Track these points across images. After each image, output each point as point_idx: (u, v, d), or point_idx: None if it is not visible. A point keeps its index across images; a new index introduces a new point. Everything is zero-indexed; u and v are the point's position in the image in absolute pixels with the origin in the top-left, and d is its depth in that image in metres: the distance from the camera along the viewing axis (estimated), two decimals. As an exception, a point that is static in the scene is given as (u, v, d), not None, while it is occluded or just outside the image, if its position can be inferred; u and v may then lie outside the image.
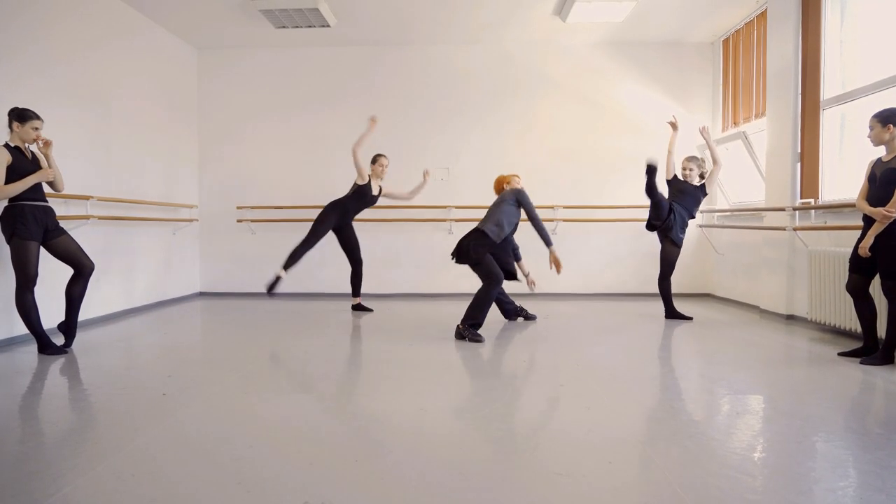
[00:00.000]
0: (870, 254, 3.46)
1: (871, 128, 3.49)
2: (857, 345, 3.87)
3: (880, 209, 3.35)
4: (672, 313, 5.23)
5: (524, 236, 7.05)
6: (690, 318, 5.22)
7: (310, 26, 6.06)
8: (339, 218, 5.52)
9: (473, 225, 6.92)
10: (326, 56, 6.99)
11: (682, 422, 2.55)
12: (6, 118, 3.76)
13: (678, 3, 5.72)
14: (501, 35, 6.65)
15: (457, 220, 6.92)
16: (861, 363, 3.51)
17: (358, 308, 5.83)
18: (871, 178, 3.55)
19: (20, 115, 3.71)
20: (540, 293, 6.92)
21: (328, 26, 6.05)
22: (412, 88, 6.98)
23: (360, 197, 5.58)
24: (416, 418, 2.58)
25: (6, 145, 3.69)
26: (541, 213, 6.97)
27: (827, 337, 4.40)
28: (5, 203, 3.71)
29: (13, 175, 3.64)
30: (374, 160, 5.68)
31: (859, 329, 3.88)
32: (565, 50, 6.90)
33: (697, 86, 6.88)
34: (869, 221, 3.49)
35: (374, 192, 5.67)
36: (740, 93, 6.25)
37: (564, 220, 6.88)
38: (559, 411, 2.68)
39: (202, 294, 7.09)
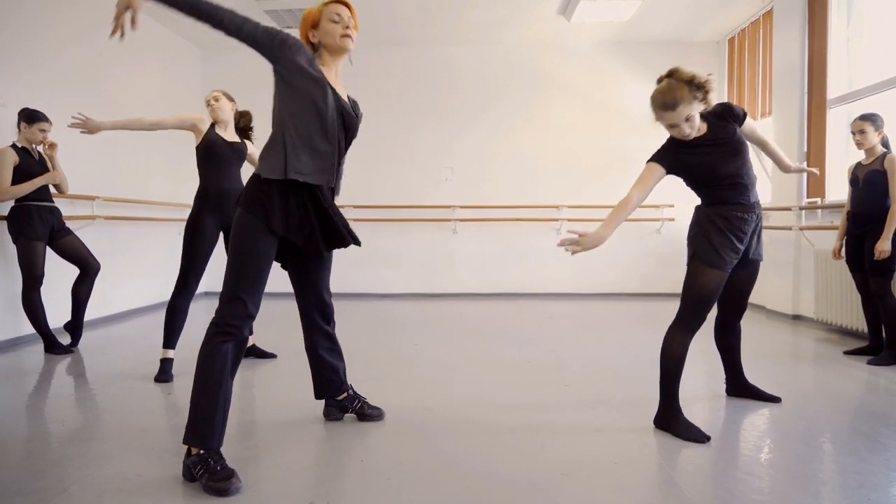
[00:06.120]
0: (842, 257, 3.81)
1: (864, 131, 3.56)
2: (864, 344, 3.86)
3: None
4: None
5: (525, 235, 7.08)
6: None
7: (314, 26, 6.05)
8: None
9: (478, 225, 7.01)
10: (331, 56, 6.98)
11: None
12: (16, 118, 3.79)
13: (683, 2, 5.70)
14: (506, 35, 6.64)
15: (461, 220, 6.92)
16: (868, 363, 3.50)
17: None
18: (854, 182, 3.68)
19: (29, 117, 3.74)
20: (543, 293, 6.92)
21: (333, 26, 6.04)
22: (416, 88, 6.97)
23: None
24: (421, 418, 2.58)
25: (14, 146, 3.72)
26: (545, 213, 7.08)
27: (834, 337, 4.38)
28: (12, 203, 3.73)
29: (20, 175, 3.67)
30: None
31: (866, 329, 3.87)
32: (570, 49, 6.88)
33: (703, 85, 6.85)
34: (858, 222, 3.62)
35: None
36: (746, 92, 6.23)
37: (569, 220, 6.86)
38: (564, 412, 2.67)
39: (207, 294, 7.10)
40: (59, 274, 4.22)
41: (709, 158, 2.34)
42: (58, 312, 4.23)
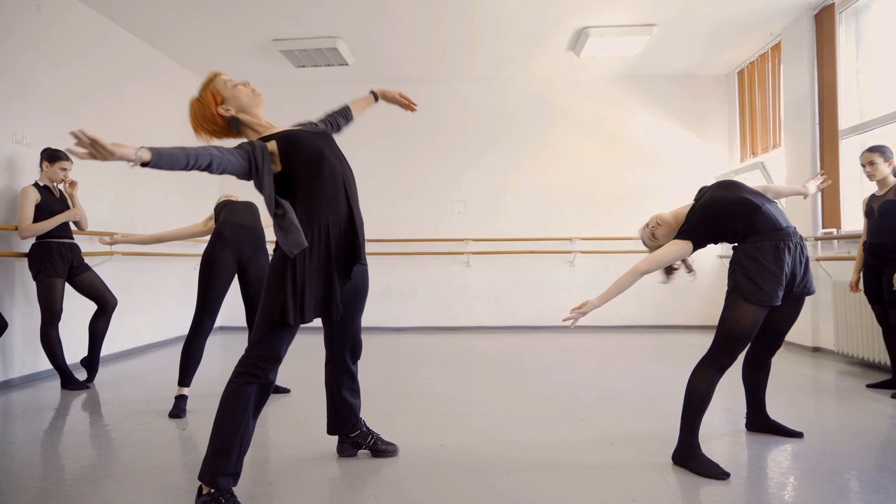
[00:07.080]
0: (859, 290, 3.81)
1: (873, 163, 3.61)
2: (886, 377, 3.78)
3: None
4: None
5: (537, 268, 7.07)
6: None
7: (328, 65, 6.21)
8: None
9: (491, 258, 7.01)
10: (344, 93, 7.09)
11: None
12: (38, 157, 3.91)
13: (691, 37, 5.78)
14: (517, 70, 6.75)
15: (474, 254, 6.93)
16: (893, 397, 3.42)
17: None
18: (868, 213, 3.70)
19: (51, 156, 3.85)
20: (557, 325, 6.86)
21: (346, 65, 6.20)
22: (428, 124, 7.07)
23: None
24: (436, 454, 2.55)
25: (35, 184, 3.82)
26: (557, 245, 7.09)
27: (855, 370, 4.29)
28: (33, 241, 3.81)
29: (41, 213, 3.76)
30: None
31: (888, 361, 3.79)
32: (580, 84, 6.98)
33: (713, 117, 6.89)
34: (875, 253, 3.61)
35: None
36: (758, 123, 6.25)
37: (582, 252, 6.86)
38: (581, 448, 2.63)
39: (222, 328, 7.14)
40: (76, 310, 4.27)
41: (708, 202, 2.45)
42: (75, 348, 4.27)
